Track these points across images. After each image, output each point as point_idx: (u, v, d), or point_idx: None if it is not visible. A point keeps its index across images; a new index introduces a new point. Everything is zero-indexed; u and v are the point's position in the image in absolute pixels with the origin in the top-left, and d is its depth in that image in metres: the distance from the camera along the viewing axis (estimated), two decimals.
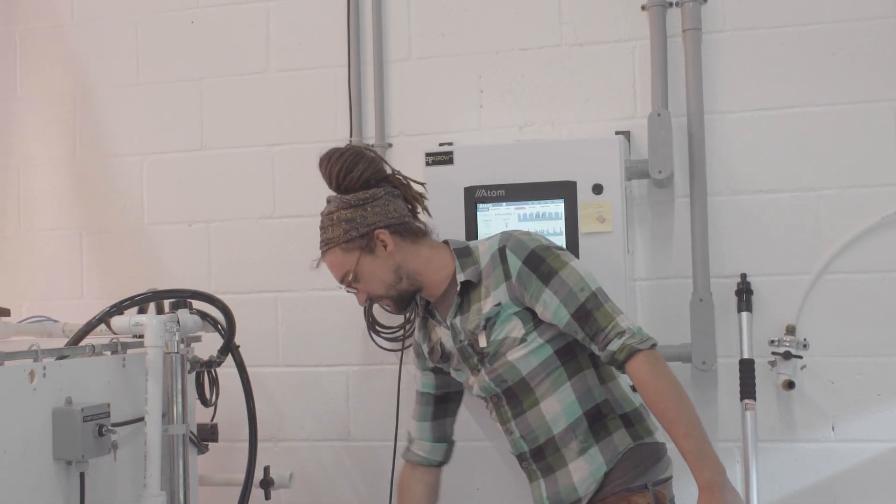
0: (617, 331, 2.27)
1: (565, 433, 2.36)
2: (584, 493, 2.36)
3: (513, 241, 2.40)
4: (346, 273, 2.46)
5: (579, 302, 2.30)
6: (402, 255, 2.45)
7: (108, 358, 2.41)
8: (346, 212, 2.44)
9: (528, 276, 2.33)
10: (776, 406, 3.02)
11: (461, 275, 2.43)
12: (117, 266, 3.53)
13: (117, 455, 2.27)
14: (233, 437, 3.06)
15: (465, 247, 2.50)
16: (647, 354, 2.25)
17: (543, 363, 2.36)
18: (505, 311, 2.36)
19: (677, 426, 2.22)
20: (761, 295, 3.02)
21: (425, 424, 2.66)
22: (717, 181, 3.07)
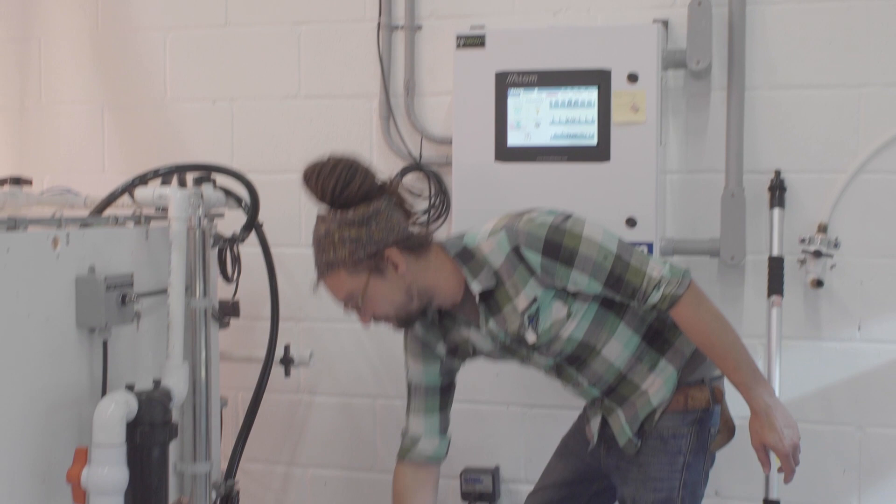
0: (653, 284, 2.21)
1: (632, 363, 2.34)
2: (658, 403, 2.35)
3: (523, 236, 2.22)
4: (350, 296, 2.24)
5: (607, 271, 2.22)
6: (412, 273, 2.23)
7: (131, 229, 2.39)
8: (350, 230, 2.18)
9: (552, 266, 2.21)
10: (803, 304, 2.99)
11: (475, 284, 2.26)
12: (139, 142, 3.49)
13: (140, 325, 2.26)
14: (253, 315, 3.06)
15: (462, 249, 2.28)
16: (688, 297, 2.22)
17: (595, 319, 2.31)
18: (543, 301, 2.26)
19: (726, 361, 2.24)
20: (794, 192, 2.97)
21: (433, 418, 2.48)
22: (756, 74, 2.99)
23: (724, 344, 2.25)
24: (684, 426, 2.34)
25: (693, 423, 2.34)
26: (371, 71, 3.26)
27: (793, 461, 2.27)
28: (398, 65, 3.25)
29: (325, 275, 2.25)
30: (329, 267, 2.22)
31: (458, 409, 3.21)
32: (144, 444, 2.08)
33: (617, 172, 2.84)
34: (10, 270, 1.95)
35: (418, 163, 3.19)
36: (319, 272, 2.26)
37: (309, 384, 3.39)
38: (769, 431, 2.23)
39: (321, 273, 2.26)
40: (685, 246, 3.00)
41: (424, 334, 2.43)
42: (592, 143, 2.86)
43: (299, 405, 3.41)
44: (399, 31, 3.24)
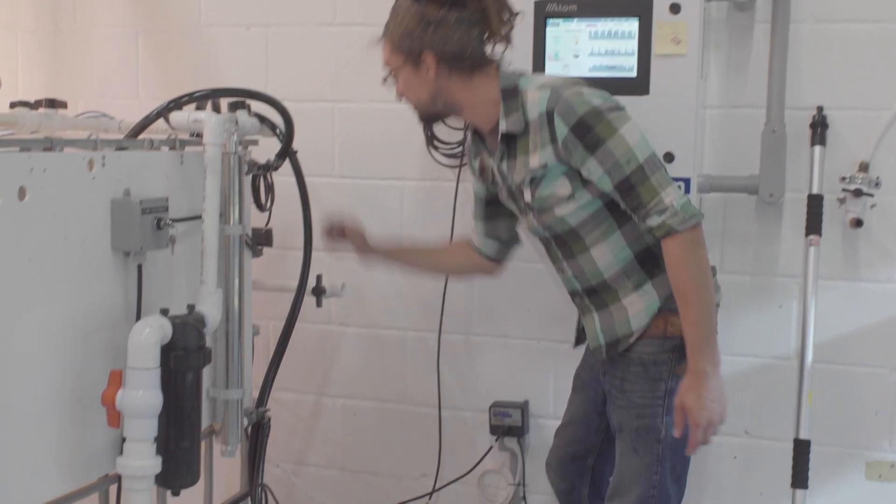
0: (659, 207, 2.20)
1: (617, 274, 2.35)
2: (637, 327, 2.35)
3: (562, 104, 2.24)
4: (387, 66, 2.42)
5: (624, 175, 2.21)
6: (445, 84, 2.34)
7: (166, 153, 2.38)
8: (411, 19, 2.31)
9: (574, 144, 2.23)
10: (841, 244, 2.95)
11: (504, 123, 2.32)
12: (173, 67, 3.47)
13: (174, 250, 2.26)
14: (286, 244, 3.06)
15: (513, 87, 2.33)
16: (685, 236, 2.20)
17: (594, 215, 2.32)
18: (552, 171, 2.29)
19: (690, 311, 2.24)
20: (836, 129, 2.90)
21: (479, 223, 2.65)
22: (801, 7, 2.90)
23: (695, 296, 2.23)
24: (664, 352, 2.34)
25: (673, 349, 2.34)
26: None
27: (702, 434, 2.24)
28: None
29: (382, 37, 2.42)
30: (383, 33, 2.41)
31: (487, 342, 3.25)
32: (178, 369, 2.09)
33: (656, 106, 2.78)
34: (46, 191, 1.95)
35: None
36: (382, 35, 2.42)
37: (340, 315, 3.40)
38: (693, 396, 2.23)
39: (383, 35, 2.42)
40: (723, 182, 2.95)
41: (471, 151, 2.57)
42: (632, 75, 2.80)
43: (330, 335, 3.42)
44: None
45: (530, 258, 3.13)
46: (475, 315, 3.28)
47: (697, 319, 2.23)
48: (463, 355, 3.30)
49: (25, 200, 1.90)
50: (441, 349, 3.28)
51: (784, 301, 3.00)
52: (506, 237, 2.65)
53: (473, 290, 3.26)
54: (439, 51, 2.29)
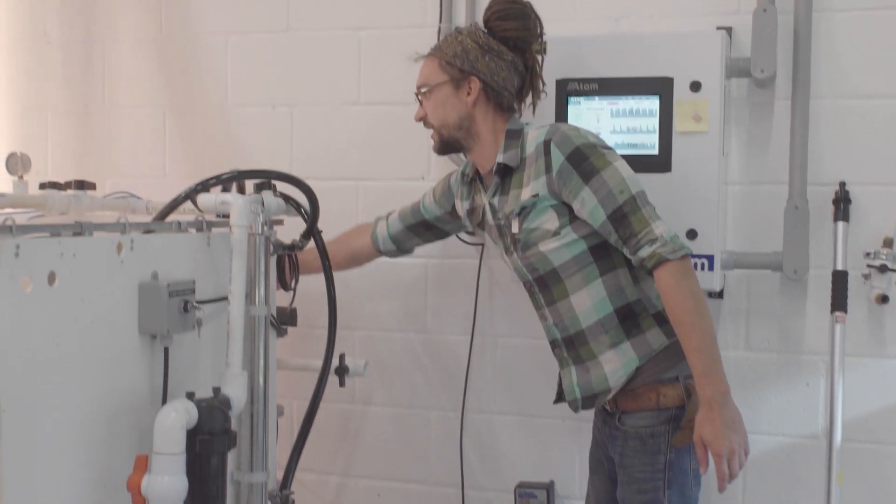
0: (650, 237, 2.26)
1: (595, 327, 2.39)
2: (615, 385, 2.38)
3: (559, 135, 2.38)
4: (424, 84, 2.54)
5: (617, 204, 2.29)
6: (477, 113, 2.49)
7: (193, 235, 2.39)
8: (470, 43, 2.48)
9: (569, 173, 2.32)
10: (867, 320, 2.92)
11: (501, 156, 2.46)
12: (200, 146, 3.51)
13: (201, 332, 2.27)
14: (310, 322, 3.06)
15: (518, 129, 2.50)
16: (677, 264, 2.25)
17: (576, 258, 2.38)
18: (542, 203, 2.37)
19: (690, 339, 2.25)
20: (859, 204, 2.91)
21: (399, 224, 2.86)
22: (822, 83, 2.93)
23: (693, 323, 2.24)
24: (660, 424, 2.36)
25: (668, 420, 2.36)
26: None
27: (727, 466, 2.19)
28: None
29: (427, 56, 2.57)
30: (433, 51, 2.56)
31: (511, 421, 3.23)
32: (204, 453, 2.08)
33: (678, 183, 2.80)
34: (75, 275, 1.96)
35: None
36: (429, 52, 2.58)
37: (363, 394, 3.39)
38: (709, 427, 2.20)
39: (429, 52, 2.58)
40: (747, 259, 2.95)
41: (457, 185, 2.72)
42: (654, 152, 2.83)
43: (353, 415, 3.41)
44: None
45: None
46: (498, 393, 3.26)
47: (699, 346, 2.24)
48: (486, 434, 3.27)
49: (55, 285, 1.91)
50: (464, 428, 3.26)
51: (811, 379, 2.97)
52: (404, 248, 2.90)
53: (496, 368, 3.25)
54: (487, 79, 2.46)
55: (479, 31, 2.50)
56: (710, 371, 2.23)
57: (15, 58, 3.70)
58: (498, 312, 3.23)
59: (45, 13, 3.68)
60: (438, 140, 2.56)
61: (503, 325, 3.23)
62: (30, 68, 3.70)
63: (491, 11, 2.50)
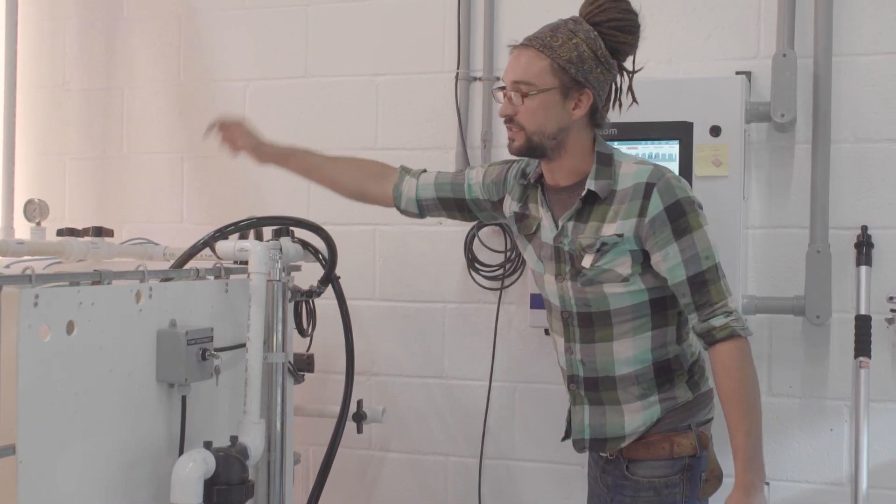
0: (725, 309, 2.20)
1: (629, 377, 2.30)
2: (631, 433, 2.31)
3: (664, 182, 2.22)
4: (530, 83, 2.23)
5: (701, 269, 2.20)
6: (577, 125, 2.27)
7: (211, 282, 2.39)
8: (587, 50, 2.22)
9: (663, 225, 2.20)
10: (891, 365, 2.89)
11: (592, 182, 2.26)
12: (217, 192, 3.52)
13: (218, 380, 2.25)
14: (327, 368, 3.05)
15: (608, 155, 2.31)
16: (745, 343, 2.20)
17: (635, 306, 2.27)
18: (623, 244, 2.23)
19: (743, 420, 2.18)
20: (882, 249, 2.89)
21: (430, 188, 2.57)
22: (842, 128, 2.92)
23: (749, 405, 2.19)
24: (674, 474, 2.29)
25: (682, 470, 2.29)
26: (449, 123, 3.25)
27: None
28: (476, 116, 3.24)
29: (530, 47, 2.24)
30: (543, 47, 2.23)
31: (529, 468, 3.20)
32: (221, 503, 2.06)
33: None
34: (94, 324, 1.96)
35: None
36: (529, 42, 2.25)
37: (381, 441, 3.35)
38: None
39: (529, 43, 2.25)
40: (768, 304, 2.92)
41: (514, 181, 2.47)
42: None
43: (371, 462, 3.37)
44: (477, 82, 3.24)
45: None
46: (517, 439, 3.23)
47: (750, 429, 2.17)
48: (505, 481, 3.24)
49: (73, 334, 1.90)
50: (483, 475, 3.22)
51: (835, 424, 2.94)
52: (425, 215, 2.63)
53: (515, 414, 3.22)
54: (596, 94, 2.26)
55: (597, 38, 2.23)
56: (756, 457, 2.18)
57: (34, 104, 3.73)
58: (516, 357, 3.21)
59: (64, 60, 3.72)
60: (524, 143, 2.27)
61: (521, 371, 3.20)
62: (49, 114, 3.73)
63: (606, 17, 2.24)
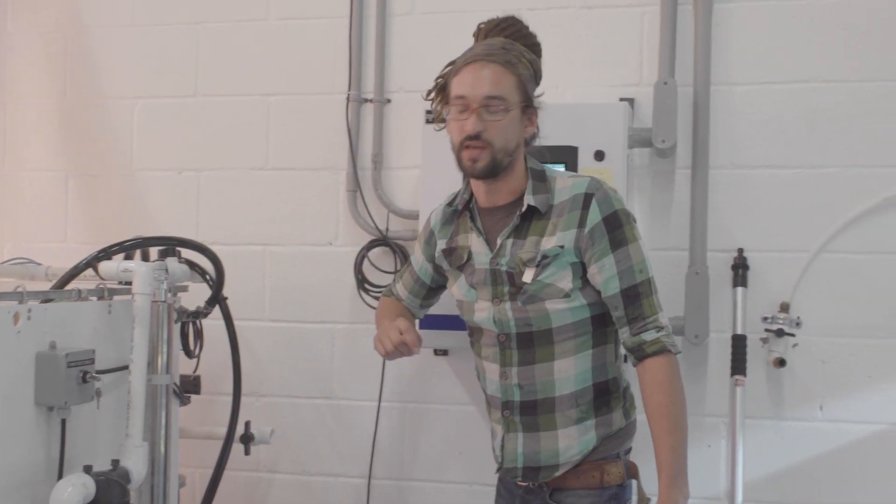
0: (657, 324, 2.18)
1: (569, 398, 2.23)
2: (565, 462, 2.25)
3: (601, 193, 2.21)
4: (505, 98, 2.20)
5: (635, 281, 2.18)
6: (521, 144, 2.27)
7: (93, 303, 2.35)
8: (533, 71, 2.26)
9: (601, 235, 2.18)
10: (766, 383, 3.00)
11: (530, 198, 2.23)
12: (103, 211, 3.46)
13: (100, 403, 2.22)
14: (214, 389, 3.03)
15: (541, 170, 2.29)
16: (674, 359, 2.18)
17: (577, 324, 2.23)
18: (564, 256, 2.19)
19: (670, 436, 2.15)
20: (757, 271, 2.99)
21: (415, 299, 2.56)
22: (720, 154, 3.03)
23: (677, 420, 2.16)
24: (603, 503, 2.25)
25: (610, 499, 2.26)
26: (339, 143, 3.26)
27: None
28: (366, 138, 3.26)
29: (494, 63, 2.20)
30: (507, 64, 2.20)
31: (419, 487, 3.23)
32: None
33: None
34: None
35: (385, 237, 3.18)
36: (488, 58, 2.21)
37: (268, 462, 3.33)
38: None
39: (490, 59, 2.20)
40: None
41: (439, 225, 2.44)
42: None
43: (259, 484, 3.34)
44: (368, 104, 3.26)
45: (461, 400, 3.14)
46: (406, 459, 3.24)
47: (676, 445, 2.15)
48: (395, 501, 3.24)
49: None
50: (371, 495, 3.23)
51: (712, 441, 3.03)
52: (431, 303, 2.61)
53: (404, 434, 3.23)
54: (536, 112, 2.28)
55: (536, 60, 2.28)
56: (680, 474, 2.15)
57: None
58: (405, 378, 3.22)
59: None
60: (490, 161, 2.21)
61: (411, 391, 3.22)
62: None
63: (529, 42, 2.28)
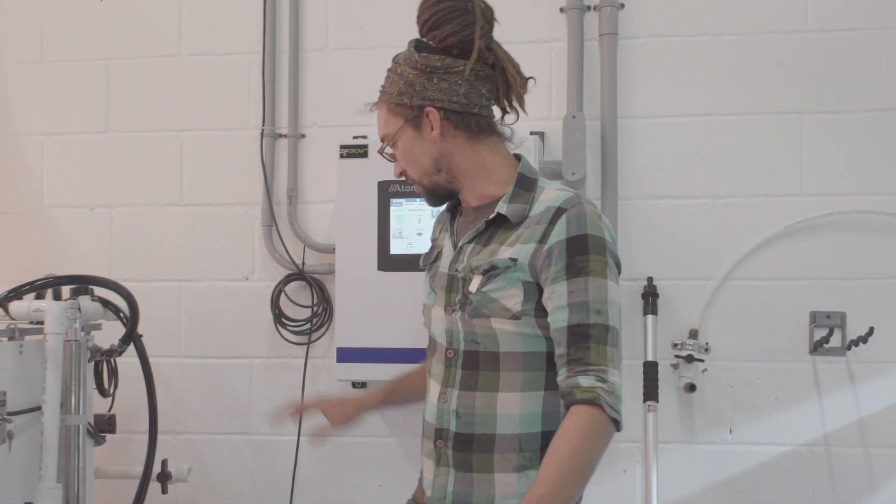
0: (601, 375, 1.84)
1: (510, 440, 1.95)
2: None
3: (577, 210, 1.92)
4: (385, 136, 2.06)
5: (586, 321, 1.86)
6: (449, 146, 2.01)
7: (4, 344, 2.32)
8: (411, 72, 1.99)
9: (559, 257, 1.89)
10: (677, 408, 3.08)
11: (504, 206, 1.99)
12: (14, 248, 3.40)
13: (12, 445, 2.19)
14: (130, 428, 3.00)
15: (532, 179, 2.03)
16: (605, 418, 1.81)
17: (529, 355, 1.95)
18: (514, 272, 1.93)
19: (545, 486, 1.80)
20: (667, 298, 3.08)
21: None
22: (628, 185, 3.11)
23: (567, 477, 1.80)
24: None
25: None
26: (254, 178, 3.27)
27: None
28: (281, 173, 3.27)
29: (376, 104, 2.09)
30: (380, 95, 2.07)
31: None
32: None
33: None
34: None
35: (301, 271, 3.19)
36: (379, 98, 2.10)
37: (187, 500, 3.29)
38: None
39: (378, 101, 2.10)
40: None
41: (435, 224, 2.27)
42: None
43: None
44: (282, 139, 3.28)
45: (381, 432, 3.15)
46: (328, 493, 3.23)
47: (544, 493, 1.78)
48: None
49: None
50: None
51: (627, 466, 3.09)
52: None
53: (325, 468, 3.23)
54: (444, 104, 1.98)
55: (414, 53, 2.00)
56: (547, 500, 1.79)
57: None
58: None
59: None
60: (425, 192, 2.08)
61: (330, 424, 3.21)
62: None
63: (421, 22, 2.03)
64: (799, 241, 3.04)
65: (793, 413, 3.04)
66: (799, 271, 3.04)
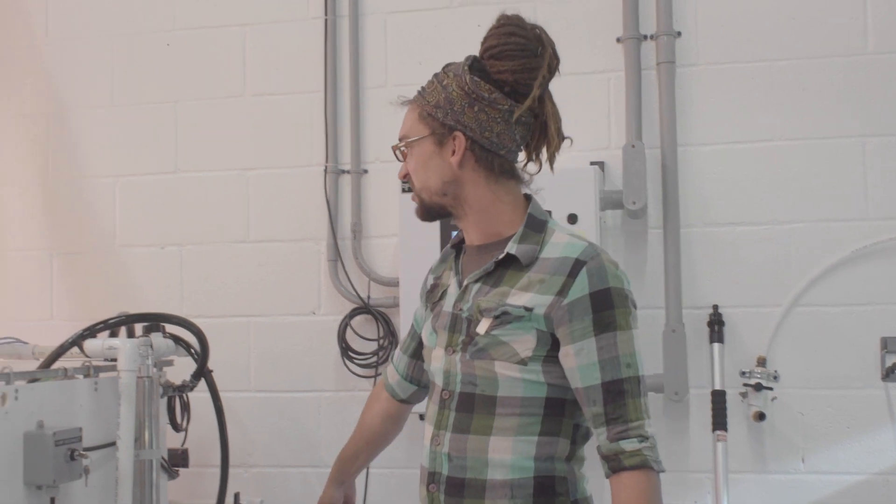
0: (641, 433, 1.79)
1: (501, 486, 1.88)
2: None
3: (597, 263, 1.85)
4: (404, 136, 1.99)
5: (620, 376, 1.81)
6: (465, 176, 1.93)
7: (80, 381, 2.39)
8: (456, 89, 1.91)
9: (584, 313, 1.83)
10: (747, 437, 3.04)
11: (514, 246, 1.91)
12: (87, 288, 3.50)
13: (88, 480, 2.24)
14: (203, 462, 3.04)
15: (542, 221, 1.96)
16: (655, 478, 1.79)
17: (527, 400, 1.88)
18: (529, 321, 1.86)
19: None
20: (733, 326, 3.05)
21: (403, 357, 2.25)
22: (690, 213, 3.10)
23: None
24: None
25: None
26: (318, 214, 3.32)
27: None
28: (345, 208, 3.33)
29: (410, 101, 2.01)
30: (416, 97, 1.99)
31: None
32: None
33: None
34: None
35: (367, 304, 3.23)
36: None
37: None
38: None
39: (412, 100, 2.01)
40: None
41: (436, 264, 2.17)
42: None
43: None
44: (345, 175, 3.33)
45: None
46: None
47: None
48: None
49: None
50: None
51: (698, 496, 3.06)
52: (424, 382, 2.22)
53: (394, 500, 3.24)
54: (475, 136, 1.91)
55: (466, 74, 1.91)
56: None
57: None
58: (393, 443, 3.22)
59: None
60: (420, 204, 2.01)
61: (399, 456, 3.21)
62: None
63: (485, 47, 1.94)
64: (866, 265, 3.00)
65: (866, 441, 2.99)
66: (867, 296, 3.00)
